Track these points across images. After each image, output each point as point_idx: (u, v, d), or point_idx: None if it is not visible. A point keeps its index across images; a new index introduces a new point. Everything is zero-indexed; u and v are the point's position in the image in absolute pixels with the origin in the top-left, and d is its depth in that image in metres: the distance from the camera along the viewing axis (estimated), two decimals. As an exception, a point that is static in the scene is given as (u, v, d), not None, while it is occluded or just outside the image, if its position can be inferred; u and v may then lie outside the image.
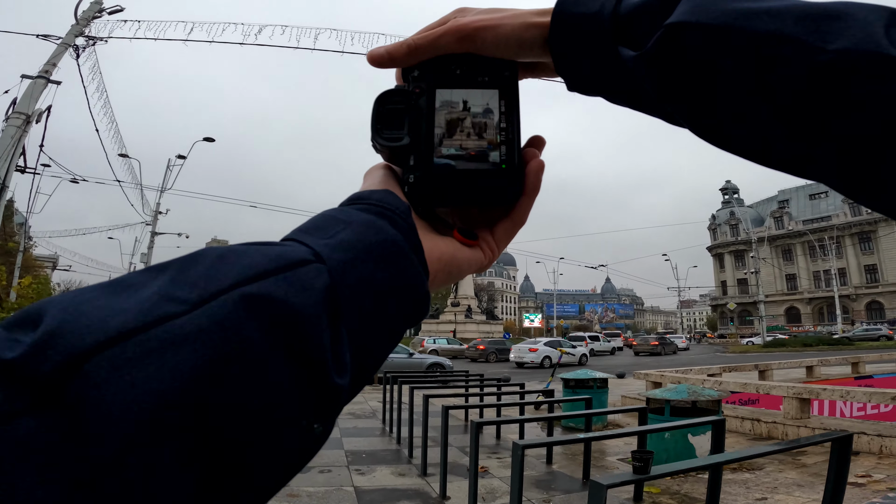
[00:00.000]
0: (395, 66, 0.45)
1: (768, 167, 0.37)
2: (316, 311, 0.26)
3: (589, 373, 8.52)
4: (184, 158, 23.70)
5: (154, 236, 24.45)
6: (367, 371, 0.31)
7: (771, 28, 0.32)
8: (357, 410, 9.90)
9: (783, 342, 40.65)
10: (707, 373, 10.71)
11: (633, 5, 0.38)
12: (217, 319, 0.23)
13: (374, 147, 0.43)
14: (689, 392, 5.40)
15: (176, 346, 0.22)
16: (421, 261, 0.35)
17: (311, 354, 0.25)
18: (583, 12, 0.39)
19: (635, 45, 0.37)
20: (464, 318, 49.09)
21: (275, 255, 0.27)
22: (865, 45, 0.29)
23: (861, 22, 0.30)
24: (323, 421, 0.27)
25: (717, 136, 0.37)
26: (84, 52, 14.92)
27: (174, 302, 0.23)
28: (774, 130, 0.33)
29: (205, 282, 0.24)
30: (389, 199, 0.36)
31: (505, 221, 0.44)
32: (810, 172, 0.35)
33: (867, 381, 12.11)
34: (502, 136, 0.43)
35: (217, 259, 0.26)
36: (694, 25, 0.34)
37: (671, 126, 0.41)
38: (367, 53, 0.44)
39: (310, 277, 0.27)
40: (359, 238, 0.31)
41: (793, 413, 6.96)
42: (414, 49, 0.43)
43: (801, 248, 65.06)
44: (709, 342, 63.15)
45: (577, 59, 0.40)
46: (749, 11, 0.33)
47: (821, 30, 0.30)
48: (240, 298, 0.24)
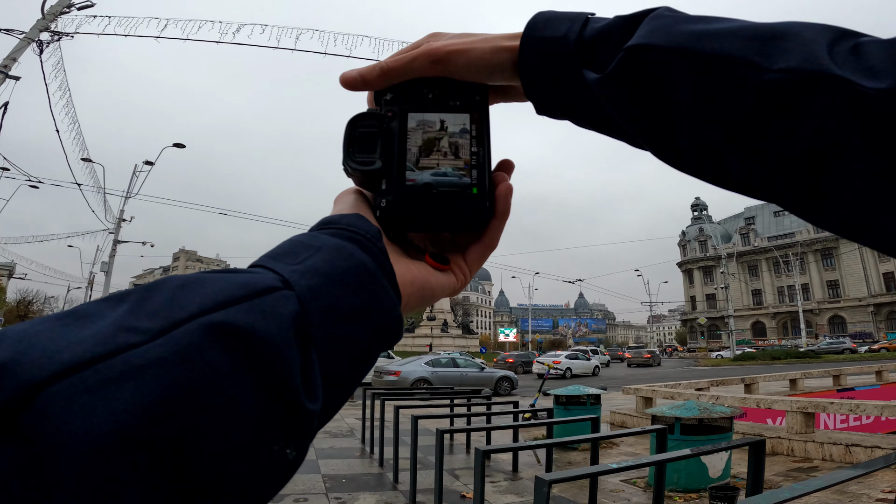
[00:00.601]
0: (367, 89, 0.45)
1: (727, 189, 0.37)
2: (284, 337, 0.26)
3: (581, 388, 8.12)
4: (151, 164, 22.65)
5: (116, 244, 23.15)
6: (340, 395, 0.31)
7: (720, 49, 0.32)
8: (333, 428, 9.27)
9: (752, 355, 41.47)
10: (695, 387, 10.48)
11: (597, 30, 0.39)
12: (179, 348, 0.23)
13: (345, 171, 0.43)
14: (700, 409, 5.05)
15: (135, 376, 0.21)
16: (393, 285, 0.35)
17: (280, 380, 0.25)
18: (550, 36, 0.39)
19: (599, 69, 0.38)
20: (440, 333, 48.74)
21: (240, 283, 0.27)
22: (809, 63, 0.29)
23: (805, 41, 0.30)
24: (296, 446, 0.27)
25: (676, 158, 0.38)
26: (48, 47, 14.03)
27: (133, 332, 0.23)
28: (728, 152, 0.34)
29: (166, 311, 0.24)
30: (360, 224, 0.36)
31: (476, 245, 0.44)
32: (765, 194, 0.35)
33: (849, 393, 12.13)
34: (473, 160, 0.43)
35: (178, 288, 0.26)
36: (651, 48, 0.35)
37: None
38: (340, 76, 0.44)
39: (277, 304, 0.27)
40: (328, 264, 0.31)
41: (797, 427, 6.76)
42: (387, 72, 0.43)
43: (767, 264, 67.12)
44: (679, 356, 64.43)
45: (544, 82, 0.41)
46: (701, 33, 0.34)
47: (766, 50, 0.31)
48: (203, 327, 0.24)
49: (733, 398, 7.70)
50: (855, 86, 0.28)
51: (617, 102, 0.38)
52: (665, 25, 0.35)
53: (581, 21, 0.40)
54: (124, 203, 23.18)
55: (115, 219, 23.23)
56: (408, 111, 0.44)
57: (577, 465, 6.47)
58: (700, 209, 78.91)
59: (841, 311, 60.29)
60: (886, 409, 6.26)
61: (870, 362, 21.44)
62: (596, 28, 0.39)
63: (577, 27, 0.39)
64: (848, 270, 59.37)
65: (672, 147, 0.37)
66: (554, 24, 0.40)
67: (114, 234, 23.15)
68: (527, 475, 6.03)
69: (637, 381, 20.07)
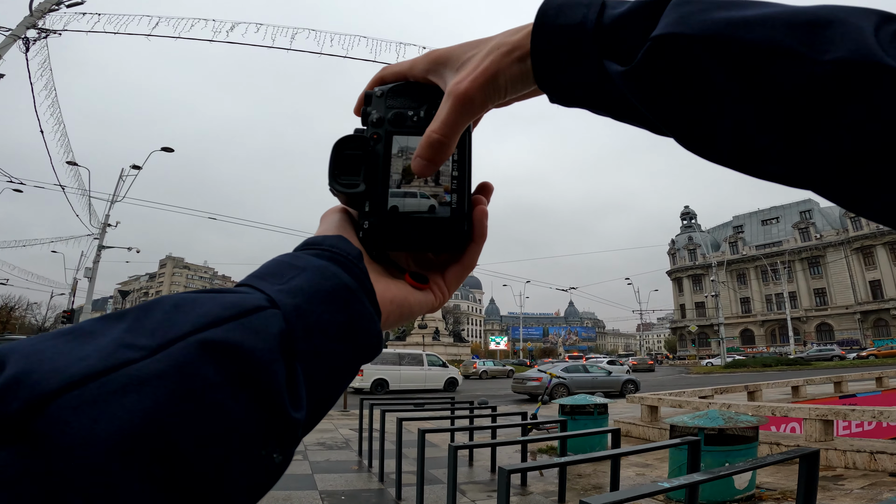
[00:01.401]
0: (438, 164, 0.43)
1: (761, 178, 0.37)
2: (271, 352, 0.28)
3: (588, 398, 7.83)
4: (139, 168, 22.13)
5: (101, 250, 22.50)
6: (323, 405, 0.33)
7: (763, 38, 0.31)
8: (328, 440, 8.89)
9: (743, 363, 41.73)
10: (699, 395, 10.26)
11: (616, 16, 0.37)
12: (176, 363, 0.25)
13: (331, 191, 0.44)
14: (725, 418, 4.77)
15: (136, 388, 0.23)
16: (373, 303, 0.37)
17: (267, 392, 0.27)
18: (565, 24, 0.38)
19: (620, 57, 0.37)
20: (431, 341, 48.33)
21: (230, 302, 0.29)
22: (859, 54, 0.29)
23: (851, 28, 0.30)
24: (282, 451, 0.29)
25: (708, 149, 0.37)
26: (35, 45, 13.58)
27: (133, 349, 0.25)
28: (767, 141, 0.33)
29: (163, 330, 0.26)
30: (342, 245, 0.38)
31: (455, 266, 0.46)
32: (808, 183, 0.34)
33: (852, 399, 12.03)
34: (453, 184, 0.44)
35: (173, 308, 0.28)
36: (682, 37, 0.33)
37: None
38: (413, 167, 0.43)
39: (265, 323, 0.29)
40: (312, 284, 0.33)
41: (816, 435, 6.55)
42: (447, 141, 0.42)
43: (755, 273, 67.79)
44: (669, 363, 64.66)
45: (560, 72, 0.39)
46: (738, 21, 0.32)
47: (812, 39, 0.30)
48: (197, 344, 0.26)
49: (746, 406, 7.46)
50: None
51: (645, 95, 0.36)
52: (694, 11, 0.33)
53: (598, 6, 0.37)
54: (110, 207, 22.62)
55: (101, 224, 22.61)
56: (393, 133, 0.44)
57: (586, 476, 6.17)
58: (689, 217, 79.63)
59: (828, 318, 60.92)
60: None
61: (868, 368, 21.50)
62: (614, 14, 0.36)
63: (593, 13, 0.37)
64: (835, 278, 60.12)
65: (706, 139, 0.36)
66: (567, 11, 0.38)
67: (98, 239, 22.52)
68: (537, 489, 5.71)
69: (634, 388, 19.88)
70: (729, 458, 4.60)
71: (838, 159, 0.31)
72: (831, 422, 6.60)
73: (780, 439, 6.94)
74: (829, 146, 0.30)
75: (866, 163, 0.30)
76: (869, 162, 0.30)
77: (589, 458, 3.50)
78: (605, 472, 6.05)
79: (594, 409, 7.61)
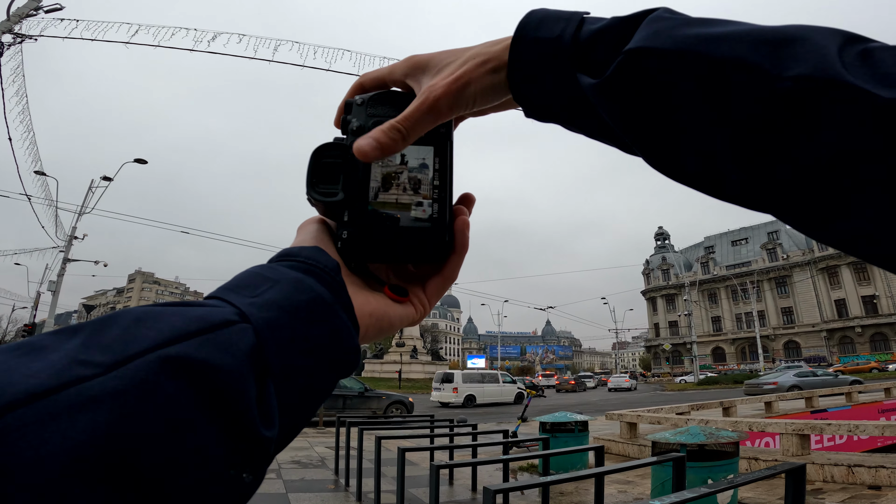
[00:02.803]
0: (388, 156, 0.43)
1: (725, 200, 0.36)
2: (240, 369, 0.27)
3: (568, 415, 7.78)
4: (110, 180, 21.49)
5: (66, 263, 21.64)
6: (297, 422, 0.32)
7: (730, 54, 0.31)
8: (303, 458, 8.58)
9: (715, 380, 42.42)
10: (676, 411, 10.33)
11: (593, 31, 0.37)
12: (134, 381, 0.23)
13: (308, 201, 0.43)
14: (706, 434, 4.78)
15: (89, 407, 0.22)
16: (350, 317, 0.36)
17: (236, 410, 0.26)
18: (543, 37, 0.38)
19: (595, 72, 0.37)
20: (409, 359, 47.76)
21: (196, 316, 0.28)
22: (822, 71, 0.29)
23: (815, 46, 0.30)
24: (252, 470, 0.28)
25: (672, 166, 0.37)
26: (9, 49, 13.16)
27: (86, 365, 0.23)
28: (732, 162, 0.33)
29: (120, 345, 0.24)
30: (319, 257, 0.37)
31: (436, 278, 0.45)
32: (767, 205, 0.34)
33: (823, 414, 12.30)
34: (434, 194, 0.43)
35: (133, 322, 0.26)
36: (654, 51, 0.34)
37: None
38: (355, 148, 0.41)
39: (234, 338, 0.28)
40: (286, 297, 0.32)
41: (793, 450, 6.63)
42: (406, 135, 0.41)
43: (725, 292, 69.44)
44: (645, 381, 65.38)
45: (536, 85, 0.39)
46: (708, 36, 0.33)
47: (777, 55, 0.30)
48: (158, 360, 0.24)
49: (724, 422, 7.53)
50: (870, 95, 0.27)
51: (614, 109, 0.36)
52: (667, 27, 0.34)
53: (576, 21, 0.38)
54: (77, 219, 21.81)
55: (67, 236, 21.79)
56: None
57: (568, 494, 6.08)
58: (663, 238, 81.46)
59: (795, 336, 62.64)
60: (888, 429, 6.21)
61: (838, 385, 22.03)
62: (592, 29, 0.37)
63: (572, 28, 0.38)
64: (801, 297, 62.04)
65: (671, 156, 0.36)
66: (547, 24, 0.38)
67: (64, 252, 21.67)
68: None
69: (611, 406, 19.93)
70: (711, 474, 4.59)
71: (795, 181, 0.30)
72: (807, 436, 6.69)
73: (758, 454, 7.00)
74: (787, 166, 0.30)
75: (822, 184, 0.29)
76: (824, 184, 0.29)
77: (574, 477, 3.43)
78: (587, 489, 5.99)
79: (575, 426, 7.56)
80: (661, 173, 0.38)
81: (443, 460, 4.86)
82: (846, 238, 0.31)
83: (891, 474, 5.66)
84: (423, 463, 7.28)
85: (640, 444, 8.41)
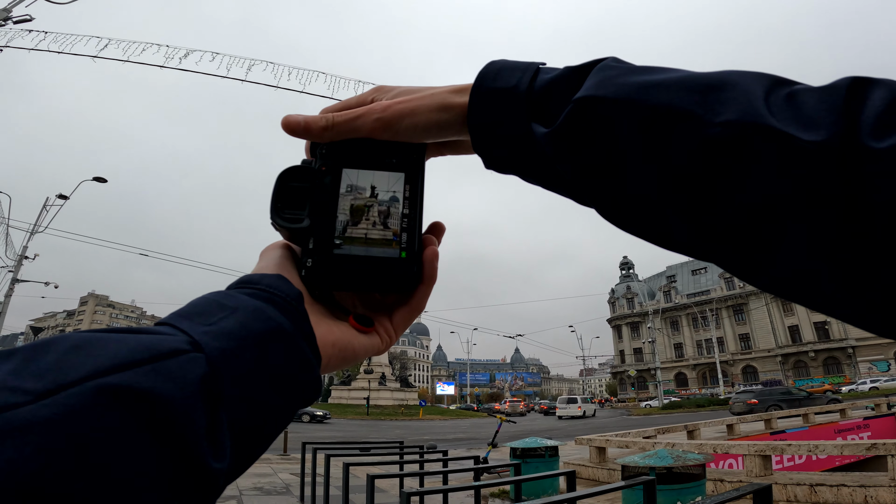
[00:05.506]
0: (308, 139, 0.44)
1: (668, 249, 0.36)
2: (188, 399, 0.26)
3: (538, 441, 7.76)
4: (65, 198, 20.62)
5: (15, 283, 20.44)
6: (251, 453, 0.31)
7: (665, 101, 0.32)
8: (266, 485, 8.23)
9: (679, 404, 43.15)
10: (643, 435, 10.45)
11: (547, 80, 0.38)
12: (66, 410, 0.22)
13: (273, 226, 0.42)
14: (674, 457, 4.86)
15: (15, 436, 0.20)
16: (312, 348, 0.35)
17: (181, 442, 0.25)
18: (500, 87, 0.39)
19: (546, 120, 0.37)
20: (377, 386, 46.77)
21: (143, 345, 0.26)
22: (748, 115, 0.29)
23: (742, 91, 0.30)
24: (199, 502, 0.27)
25: (621, 217, 0.37)
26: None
27: (16, 392, 0.22)
28: (670, 209, 0.33)
29: (54, 373, 0.23)
30: (280, 285, 0.36)
31: (403, 308, 0.44)
32: (703, 253, 0.34)
33: (782, 435, 12.64)
34: (404, 223, 0.43)
35: (71, 348, 0.25)
36: (598, 100, 0.34)
37: (576, 204, 0.40)
38: (283, 119, 0.43)
39: (182, 368, 0.26)
40: (244, 326, 0.31)
41: (756, 470, 6.78)
42: (331, 127, 0.42)
43: (686, 320, 71.48)
44: (611, 406, 65.98)
45: (493, 136, 0.39)
46: (648, 84, 0.33)
47: (708, 101, 0.31)
48: (95, 389, 0.23)
49: (690, 444, 7.66)
50: (792, 138, 0.27)
51: (565, 158, 0.36)
52: (612, 76, 0.35)
53: (532, 71, 0.39)
54: (29, 238, 20.74)
55: (17, 255, 20.66)
56: (342, 167, 0.43)
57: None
58: (628, 268, 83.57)
59: (752, 361, 64.71)
60: (846, 448, 6.45)
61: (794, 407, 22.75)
62: (546, 79, 0.38)
63: (527, 78, 0.38)
64: (757, 324, 64.42)
65: (616, 205, 0.36)
66: (505, 75, 0.39)
67: (13, 272, 20.50)
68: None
69: (576, 431, 19.96)
70: (680, 497, 4.65)
71: (725, 226, 0.30)
72: (769, 457, 6.87)
73: (724, 475, 7.13)
74: (717, 211, 0.30)
75: (752, 232, 0.29)
76: (753, 229, 0.29)
77: (546, 503, 3.42)
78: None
79: (545, 451, 7.53)
80: (613, 224, 0.38)
81: (413, 487, 4.72)
82: (776, 284, 0.31)
83: (852, 492, 5.85)
84: (393, 490, 7.08)
85: (609, 467, 8.44)
